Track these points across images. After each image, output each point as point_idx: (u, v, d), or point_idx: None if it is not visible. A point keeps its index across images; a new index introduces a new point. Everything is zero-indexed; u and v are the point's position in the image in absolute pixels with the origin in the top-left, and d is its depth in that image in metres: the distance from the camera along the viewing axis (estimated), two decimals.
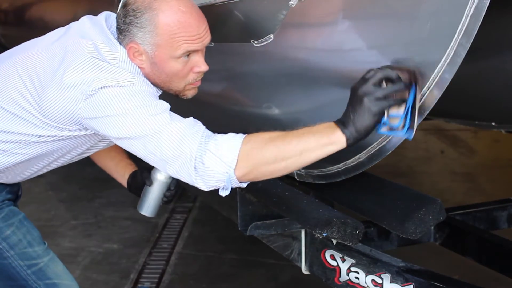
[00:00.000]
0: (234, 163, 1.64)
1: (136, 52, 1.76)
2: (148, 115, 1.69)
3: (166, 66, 1.77)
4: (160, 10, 1.72)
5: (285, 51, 1.88)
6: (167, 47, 1.74)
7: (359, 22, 1.67)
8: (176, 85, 1.82)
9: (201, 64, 1.79)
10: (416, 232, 1.77)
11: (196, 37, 1.74)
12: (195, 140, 1.65)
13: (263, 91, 2.11)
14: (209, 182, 1.68)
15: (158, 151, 1.69)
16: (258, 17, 1.89)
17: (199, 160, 1.65)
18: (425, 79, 1.56)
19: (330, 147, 1.63)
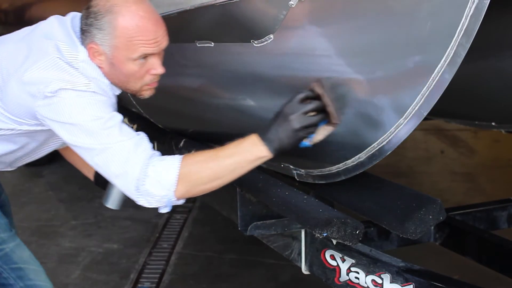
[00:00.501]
0: (173, 187, 1.77)
1: (96, 52, 1.85)
2: (98, 129, 1.79)
3: (124, 67, 1.85)
4: (120, 14, 1.81)
5: (285, 51, 1.88)
6: (124, 49, 1.82)
7: (359, 22, 1.67)
8: (133, 85, 1.91)
9: (158, 66, 1.87)
10: (416, 232, 1.77)
11: (153, 41, 1.83)
12: (138, 163, 1.76)
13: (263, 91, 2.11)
14: (151, 202, 1.81)
15: (103, 166, 1.81)
16: (258, 17, 1.89)
17: (141, 182, 1.77)
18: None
19: (257, 162, 1.80)
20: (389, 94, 1.70)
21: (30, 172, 5.49)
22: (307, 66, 1.86)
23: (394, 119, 1.69)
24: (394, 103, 1.69)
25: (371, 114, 1.75)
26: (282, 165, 2.25)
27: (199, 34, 2.13)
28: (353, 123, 1.82)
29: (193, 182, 1.80)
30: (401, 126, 1.69)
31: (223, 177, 1.80)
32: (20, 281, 2.10)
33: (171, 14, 2.16)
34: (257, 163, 1.81)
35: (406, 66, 1.61)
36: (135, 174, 1.76)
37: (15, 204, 4.95)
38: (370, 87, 1.73)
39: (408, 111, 1.65)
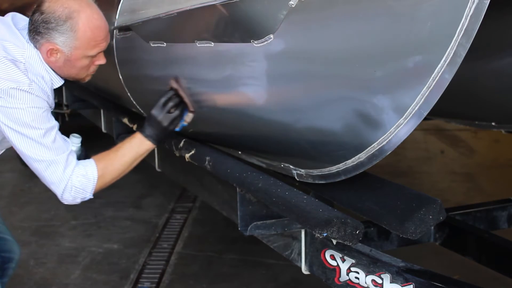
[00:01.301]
0: (92, 190, 2.18)
1: (53, 51, 2.12)
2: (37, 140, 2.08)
3: (78, 62, 2.16)
4: (79, 19, 2.09)
5: (285, 51, 1.88)
6: (83, 48, 2.13)
7: (359, 22, 1.67)
8: (81, 75, 2.24)
9: (102, 58, 2.22)
10: (416, 232, 1.76)
11: (103, 39, 2.16)
12: (64, 177, 2.13)
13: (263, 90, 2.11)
14: (73, 201, 2.23)
15: (38, 173, 2.18)
16: (258, 17, 1.88)
17: (67, 191, 2.16)
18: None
19: (146, 153, 2.29)
20: (389, 94, 1.70)
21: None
22: (307, 66, 1.86)
23: (394, 119, 1.69)
24: (394, 103, 1.69)
25: (371, 114, 1.75)
26: (282, 165, 2.25)
27: (199, 34, 2.13)
28: (353, 123, 1.82)
29: (105, 181, 2.19)
30: (401, 126, 1.69)
31: (125, 170, 2.24)
32: None
33: (171, 14, 2.16)
34: (147, 154, 2.29)
35: (406, 66, 1.61)
36: (62, 185, 2.14)
37: (15, 204, 4.98)
38: (370, 87, 1.73)
39: (408, 111, 1.65)
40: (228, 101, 2.28)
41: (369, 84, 1.72)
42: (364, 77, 1.72)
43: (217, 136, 2.60)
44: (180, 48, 2.30)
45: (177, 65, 2.39)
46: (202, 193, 2.97)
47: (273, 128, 2.11)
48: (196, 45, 2.14)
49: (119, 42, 2.68)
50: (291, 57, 1.87)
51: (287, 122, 2.04)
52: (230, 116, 2.29)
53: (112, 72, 2.80)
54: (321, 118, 1.91)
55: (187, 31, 2.20)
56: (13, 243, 2.65)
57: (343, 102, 1.82)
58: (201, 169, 2.51)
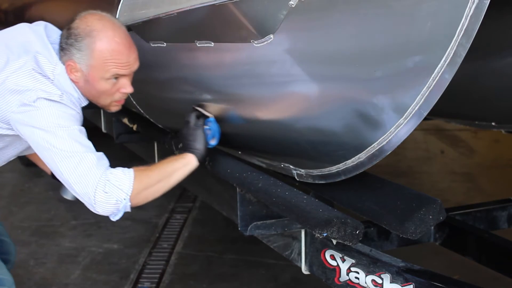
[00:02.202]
0: (130, 190, 1.99)
1: (73, 69, 2.07)
2: (66, 138, 1.98)
3: (97, 84, 2.09)
4: (98, 38, 2.05)
5: (285, 51, 1.88)
6: (99, 69, 2.06)
7: (359, 22, 1.67)
8: (104, 100, 2.16)
9: (127, 86, 2.14)
10: (416, 232, 1.76)
11: (125, 64, 2.08)
12: (98, 173, 1.96)
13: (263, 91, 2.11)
14: (105, 209, 2.01)
15: (65, 173, 1.98)
16: (258, 17, 1.88)
17: (101, 189, 1.96)
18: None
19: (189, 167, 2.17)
20: (389, 94, 1.70)
21: (30, 172, 5.50)
22: (307, 66, 1.86)
23: (394, 119, 1.69)
24: (394, 103, 1.69)
25: (371, 114, 1.75)
26: (282, 165, 2.25)
27: (199, 34, 2.13)
28: (353, 123, 1.82)
29: (143, 196, 2.04)
30: (401, 126, 1.69)
31: (167, 190, 2.12)
32: None
33: (171, 14, 2.16)
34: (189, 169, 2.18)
35: (406, 66, 1.61)
36: (95, 181, 1.96)
37: (15, 204, 4.98)
38: (370, 87, 1.73)
39: (408, 111, 1.65)
40: (228, 101, 2.28)
41: (369, 84, 1.72)
42: (364, 77, 1.72)
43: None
44: (180, 48, 2.30)
45: (177, 65, 2.39)
46: (202, 193, 2.97)
47: (273, 128, 2.11)
48: (196, 45, 2.14)
49: None
50: (291, 57, 1.87)
51: (287, 122, 2.04)
52: (230, 116, 2.29)
53: None
54: (321, 118, 1.91)
55: (187, 31, 2.20)
56: (10, 245, 2.64)
57: (343, 102, 1.82)
58: (201, 169, 2.51)
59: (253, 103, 2.17)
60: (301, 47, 1.83)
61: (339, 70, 1.78)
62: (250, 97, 2.16)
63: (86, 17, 2.09)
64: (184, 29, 2.22)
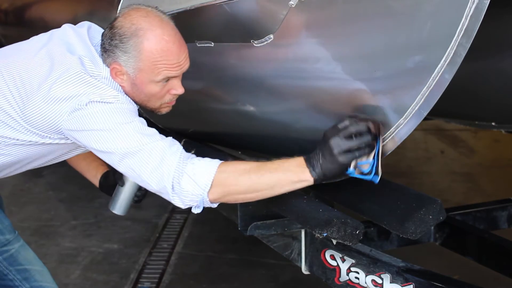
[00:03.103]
0: (208, 187, 1.76)
1: (118, 72, 1.87)
2: (131, 133, 1.79)
3: (146, 88, 1.88)
4: (145, 38, 1.83)
5: (285, 51, 1.88)
6: (148, 72, 1.85)
7: (359, 22, 1.67)
8: (153, 104, 1.95)
9: (178, 87, 1.91)
10: (416, 232, 1.76)
11: (176, 65, 1.86)
12: (173, 162, 1.76)
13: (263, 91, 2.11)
14: (185, 201, 1.80)
15: (137, 169, 1.79)
16: (258, 17, 1.89)
17: (176, 181, 1.76)
18: (387, 127, 1.68)
19: (298, 184, 1.78)
20: (389, 94, 1.70)
21: (30, 172, 5.47)
22: (307, 66, 1.86)
23: (394, 119, 1.69)
24: (394, 103, 1.69)
25: (371, 114, 1.75)
26: None
27: (199, 34, 2.13)
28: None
29: (228, 188, 1.79)
30: (401, 126, 1.69)
31: (261, 191, 1.79)
32: (26, 283, 2.10)
33: (171, 14, 2.16)
34: (299, 186, 1.78)
35: (406, 66, 1.61)
36: (171, 172, 1.76)
37: (15, 204, 4.98)
38: (370, 87, 1.73)
39: (408, 111, 1.65)
40: (228, 101, 2.28)
41: (369, 84, 1.72)
42: (364, 77, 1.72)
43: (217, 136, 2.60)
44: None
45: None
46: None
47: (273, 128, 2.11)
48: (196, 45, 2.14)
49: None
50: (291, 57, 1.87)
51: (287, 122, 2.04)
52: (230, 116, 2.29)
53: None
54: (321, 118, 1.91)
55: (187, 31, 2.20)
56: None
57: (343, 102, 1.82)
58: None
59: (253, 102, 2.17)
60: (301, 47, 1.83)
61: (339, 70, 1.78)
62: (249, 97, 2.16)
63: (130, 14, 1.87)
64: (184, 29, 2.22)
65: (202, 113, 2.46)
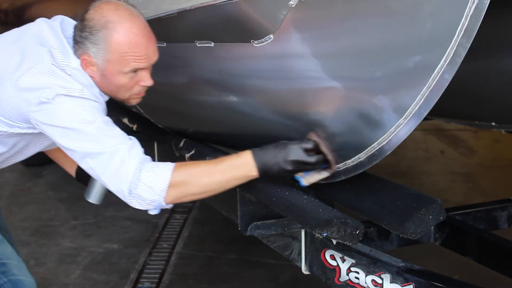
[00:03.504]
0: (164, 193, 1.87)
1: (88, 63, 1.93)
2: (93, 134, 1.88)
3: (115, 79, 1.95)
4: (114, 30, 1.90)
5: (285, 51, 1.88)
6: (117, 63, 1.92)
7: (359, 22, 1.67)
8: (122, 94, 2.01)
9: (147, 79, 1.98)
10: (416, 232, 1.77)
11: (144, 57, 1.93)
12: (131, 168, 1.85)
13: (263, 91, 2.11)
14: (143, 204, 1.90)
15: (97, 170, 1.89)
16: (258, 17, 1.89)
17: (133, 186, 1.86)
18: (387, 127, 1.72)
19: (244, 180, 1.93)
20: (389, 94, 1.70)
21: (30, 172, 5.50)
22: (307, 66, 1.86)
23: (394, 119, 1.69)
24: (394, 103, 1.69)
25: (371, 114, 1.75)
26: None
27: (199, 34, 2.13)
28: (353, 123, 1.82)
29: (183, 191, 1.90)
30: (401, 126, 1.69)
31: (212, 190, 1.93)
32: (3, 276, 2.13)
33: (171, 14, 2.16)
34: (244, 181, 1.93)
35: (406, 66, 1.61)
36: (128, 178, 1.85)
37: (15, 204, 4.98)
38: (370, 87, 1.73)
39: (408, 111, 1.65)
40: (228, 101, 2.28)
41: (369, 84, 1.72)
42: (364, 77, 1.72)
43: (217, 136, 2.60)
44: (180, 48, 2.30)
45: (177, 65, 2.39)
46: None
47: (273, 128, 2.11)
48: (196, 45, 2.14)
49: None
50: (291, 57, 1.87)
51: (287, 122, 2.04)
52: (230, 116, 2.29)
53: None
54: (322, 118, 1.91)
55: (187, 31, 2.20)
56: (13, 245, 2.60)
57: (343, 102, 1.82)
58: None
59: (253, 102, 2.17)
60: (301, 47, 1.84)
61: (339, 70, 1.78)
62: (250, 97, 2.16)
63: (101, 7, 1.93)
64: (184, 29, 2.22)
65: (202, 113, 2.47)
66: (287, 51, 1.87)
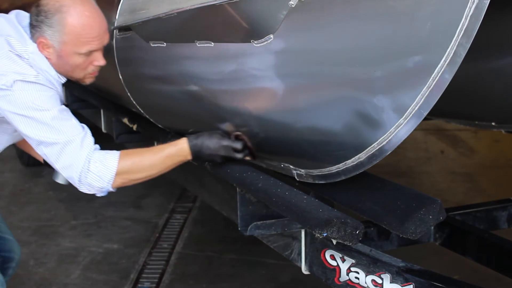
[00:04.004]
0: (112, 180, 2.07)
1: (45, 46, 2.11)
2: (48, 123, 2.04)
3: (70, 59, 2.14)
4: (68, 14, 2.08)
5: (285, 51, 1.88)
6: (71, 44, 2.10)
7: (359, 21, 1.67)
8: (78, 74, 2.20)
9: (100, 59, 2.18)
10: (416, 232, 1.76)
11: (96, 38, 2.12)
12: (81, 159, 2.04)
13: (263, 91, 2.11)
14: (91, 190, 2.10)
15: (50, 157, 2.07)
16: (258, 17, 1.89)
17: (84, 175, 2.05)
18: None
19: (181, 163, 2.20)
20: (389, 94, 1.70)
21: (30, 172, 5.50)
22: (307, 66, 1.86)
23: (394, 119, 1.69)
24: (394, 103, 1.69)
25: (371, 114, 1.75)
26: (282, 165, 2.25)
27: (199, 34, 2.13)
28: (353, 123, 1.82)
29: (128, 178, 2.11)
30: (401, 126, 1.69)
31: (153, 175, 2.17)
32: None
33: (171, 14, 2.16)
34: (179, 164, 2.20)
35: (406, 66, 1.61)
36: (78, 168, 2.04)
37: (15, 204, 4.98)
38: (370, 87, 1.73)
39: (408, 111, 1.65)
40: (228, 101, 2.28)
41: (369, 84, 1.72)
42: (364, 77, 1.72)
43: None
44: (180, 48, 2.30)
45: (177, 65, 2.39)
46: (202, 193, 2.97)
47: (273, 128, 2.11)
48: (196, 45, 2.14)
49: (119, 42, 2.68)
50: (291, 57, 1.87)
51: (287, 122, 2.04)
52: (230, 116, 2.29)
53: (112, 72, 2.80)
54: (321, 118, 1.91)
55: (187, 31, 2.20)
56: (14, 243, 2.65)
57: (343, 102, 1.82)
58: (201, 169, 2.51)
59: (253, 103, 2.17)
60: (301, 47, 1.84)
61: (339, 70, 1.78)
62: (249, 96, 2.16)
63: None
64: (184, 29, 2.22)
65: (202, 113, 2.46)
66: (287, 51, 1.87)
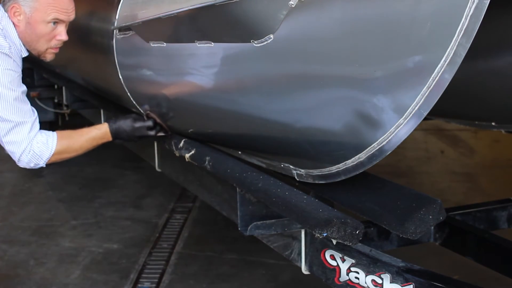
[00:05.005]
0: (47, 159, 2.37)
1: (17, 12, 2.33)
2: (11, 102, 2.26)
3: (37, 27, 2.35)
4: None
5: (285, 51, 1.88)
6: (42, 11, 2.32)
7: (358, 21, 1.67)
8: (41, 46, 2.41)
9: (63, 34, 2.40)
10: (416, 232, 1.76)
11: (65, 10, 2.36)
12: (27, 140, 2.31)
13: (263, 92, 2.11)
14: (27, 166, 2.38)
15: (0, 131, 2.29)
16: (258, 17, 1.88)
17: (25, 155, 2.33)
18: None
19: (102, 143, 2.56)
20: (389, 94, 1.70)
21: (30, 172, 5.49)
22: (307, 66, 1.86)
23: (394, 119, 1.69)
24: (394, 103, 1.69)
25: (371, 114, 1.75)
26: (282, 165, 2.25)
27: (199, 34, 2.13)
28: (353, 123, 1.82)
29: (60, 157, 2.41)
30: (401, 126, 1.69)
31: (79, 154, 2.50)
32: None
33: (171, 14, 2.16)
34: (102, 144, 2.56)
35: (406, 66, 1.61)
36: (22, 147, 2.31)
37: (15, 204, 4.98)
38: (370, 87, 1.73)
39: (408, 111, 1.65)
40: (228, 101, 2.28)
41: (369, 84, 1.72)
42: (364, 77, 1.72)
43: (217, 136, 2.60)
44: (180, 48, 2.30)
45: (177, 65, 2.39)
46: (202, 193, 2.97)
47: (273, 128, 2.11)
48: (196, 45, 2.14)
49: (119, 42, 2.68)
50: (291, 57, 1.87)
51: (287, 122, 2.04)
52: (230, 116, 2.29)
53: (112, 72, 2.80)
54: (321, 118, 1.91)
55: (187, 31, 2.20)
56: None
57: (343, 102, 1.82)
58: (201, 169, 2.51)
59: (253, 103, 2.17)
60: (301, 46, 1.83)
61: (339, 70, 1.78)
62: (249, 97, 2.16)
63: None
64: (184, 29, 2.22)
65: (202, 113, 2.46)
66: (287, 51, 1.87)
